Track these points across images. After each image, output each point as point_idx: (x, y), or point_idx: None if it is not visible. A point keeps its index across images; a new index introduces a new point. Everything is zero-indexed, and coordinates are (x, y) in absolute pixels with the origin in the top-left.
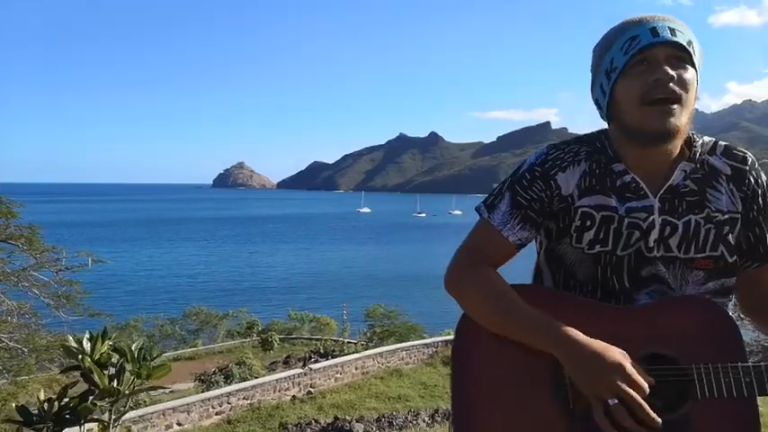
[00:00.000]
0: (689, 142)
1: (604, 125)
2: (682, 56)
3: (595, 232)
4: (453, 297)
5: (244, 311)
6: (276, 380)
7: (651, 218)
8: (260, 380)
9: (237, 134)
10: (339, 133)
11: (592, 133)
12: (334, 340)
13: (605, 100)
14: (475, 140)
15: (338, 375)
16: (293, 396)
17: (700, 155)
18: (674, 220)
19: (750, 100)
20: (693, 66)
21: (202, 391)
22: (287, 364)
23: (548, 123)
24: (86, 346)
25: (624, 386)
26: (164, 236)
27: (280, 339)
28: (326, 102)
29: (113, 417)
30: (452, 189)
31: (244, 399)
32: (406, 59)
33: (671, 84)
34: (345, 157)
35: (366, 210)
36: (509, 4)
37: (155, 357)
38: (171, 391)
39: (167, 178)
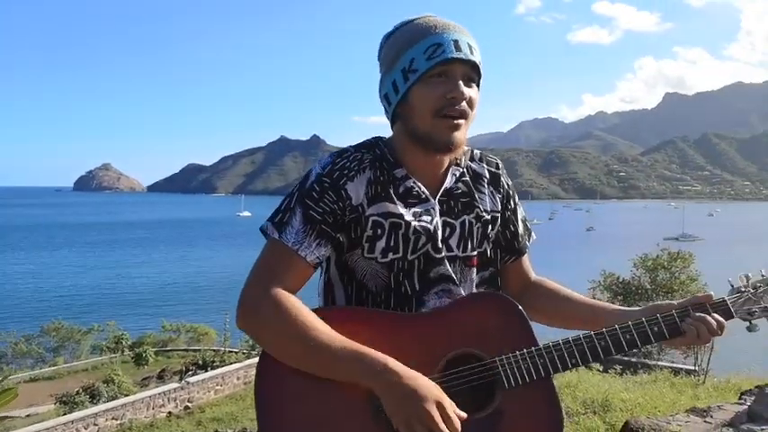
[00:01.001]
0: None
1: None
2: (472, 76)
3: (386, 240)
4: (250, 334)
5: (112, 324)
6: (149, 396)
7: (434, 220)
8: (131, 397)
9: (103, 133)
10: (216, 134)
11: (368, 140)
12: (214, 350)
13: (397, 99)
14: None
15: (218, 387)
16: (169, 412)
17: (465, 161)
18: (452, 220)
19: (602, 111)
20: (478, 85)
21: (65, 414)
22: (161, 378)
23: None
24: None
25: (441, 424)
26: (17, 244)
27: (154, 353)
28: (203, 101)
29: None
30: None
31: (113, 419)
32: (284, 61)
33: (463, 103)
34: (224, 159)
35: (246, 214)
36: (387, 7)
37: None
38: (27, 416)
39: (21, 180)
